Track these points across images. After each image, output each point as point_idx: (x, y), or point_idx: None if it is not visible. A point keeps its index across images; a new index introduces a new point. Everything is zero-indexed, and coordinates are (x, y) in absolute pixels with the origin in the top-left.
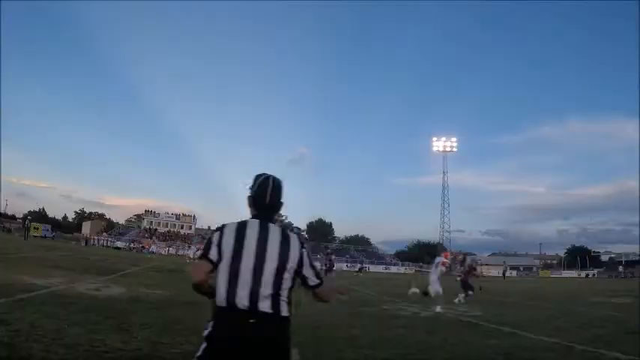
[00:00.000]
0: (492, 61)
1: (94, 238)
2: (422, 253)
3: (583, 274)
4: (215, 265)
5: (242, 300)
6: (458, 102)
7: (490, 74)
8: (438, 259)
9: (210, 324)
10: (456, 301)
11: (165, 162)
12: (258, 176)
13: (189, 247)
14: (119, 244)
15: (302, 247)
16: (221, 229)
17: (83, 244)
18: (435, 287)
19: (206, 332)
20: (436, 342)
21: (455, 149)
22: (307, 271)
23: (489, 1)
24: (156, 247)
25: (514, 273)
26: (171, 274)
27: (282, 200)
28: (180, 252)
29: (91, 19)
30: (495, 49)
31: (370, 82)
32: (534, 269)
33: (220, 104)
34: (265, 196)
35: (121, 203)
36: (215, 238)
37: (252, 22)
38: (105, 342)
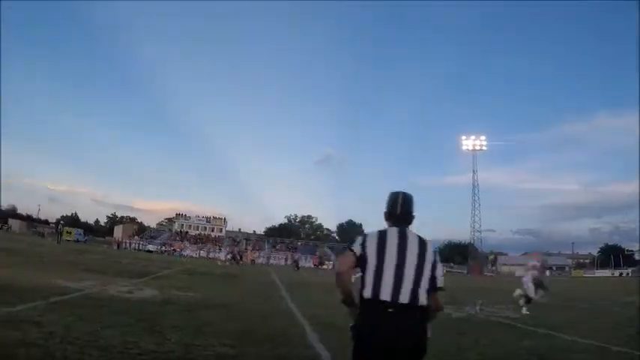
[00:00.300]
0: (519, 58)
1: (125, 242)
2: (452, 253)
3: (617, 273)
4: (357, 258)
5: (385, 293)
6: (485, 101)
7: (517, 71)
8: (530, 263)
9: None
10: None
11: (196, 166)
12: (391, 194)
13: (220, 249)
14: (151, 247)
15: (434, 250)
16: (365, 234)
17: (115, 247)
18: (524, 289)
19: (351, 323)
20: (468, 343)
21: (484, 148)
22: (437, 272)
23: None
24: (189, 250)
25: (547, 273)
26: (202, 276)
27: (413, 213)
28: (212, 255)
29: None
30: (521, 45)
31: (396, 81)
32: (567, 269)
33: (248, 107)
34: (397, 208)
35: (152, 207)
36: (359, 239)
37: (274, 22)
38: (138, 344)
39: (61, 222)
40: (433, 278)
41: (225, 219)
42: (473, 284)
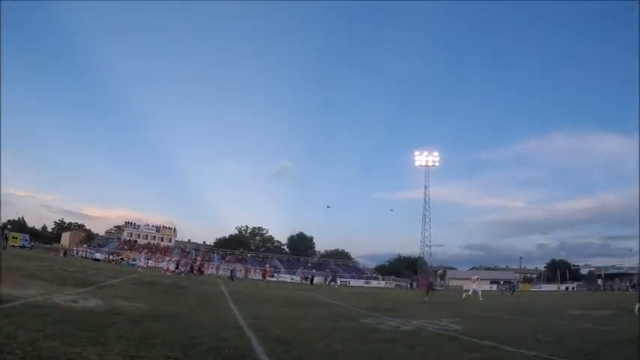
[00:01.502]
0: (475, 76)
1: (73, 249)
2: (402, 267)
3: (563, 287)
4: None
5: None
6: (440, 117)
7: (472, 89)
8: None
9: None
10: None
11: (147, 175)
12: None
13: (169, 259)
14: (98, 255)
15: None
16: None
17: (62, 254)
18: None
19: None
20: (417, 356)
21: (437, 164)
22: None
23: (474, 18)
24: (137, 259)
25: (494, 287)
26: (150, 287)
27: None
28: (160, 264)
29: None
30: (479, 63)
31: (353, 96)
32: (514, 283)
33: (203, 116)
34: None
35: (101, 214)
36: None
37: (237, 29)
38: (81, 355)
39: (8, 226)
40: None
41: (175, 229)
42: (422, 298)
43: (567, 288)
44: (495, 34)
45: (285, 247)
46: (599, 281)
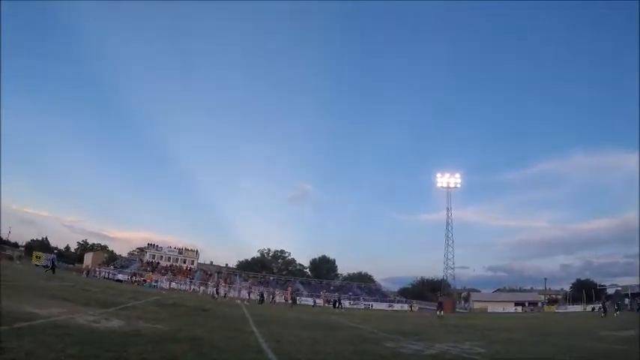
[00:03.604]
0: (496, 97)
1: (95, 270)
2: (425, 289)
3: (589, 308)
4: None
5: None
6: (462, 139)
7: (493, 110)
8: None
9: None
10: None
11: (170, 197)
12: None
13: (191, 280)
14: (120, 276)
15: None
16: None
17: (84, 275)
18: None
19: None
20: None
21: (459, 185)
22: None
23: (493, 40)
24: (159, 281)
25: (519, 309)
26: (172, 308)
27: None
28: (183, 287)
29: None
30: (498, 84)
31: (374, 118)
32: (539, 304)
33: (225, 139)
34: None
35: (123, 236)
36: None
37: (255, 56)
38: None
39: (55, 251)
40: None
41: (197, 251)
42: (445, 321)
43: (593, 309)
44: (517, 56)
45: (307, 270)
46: (626, 301)
